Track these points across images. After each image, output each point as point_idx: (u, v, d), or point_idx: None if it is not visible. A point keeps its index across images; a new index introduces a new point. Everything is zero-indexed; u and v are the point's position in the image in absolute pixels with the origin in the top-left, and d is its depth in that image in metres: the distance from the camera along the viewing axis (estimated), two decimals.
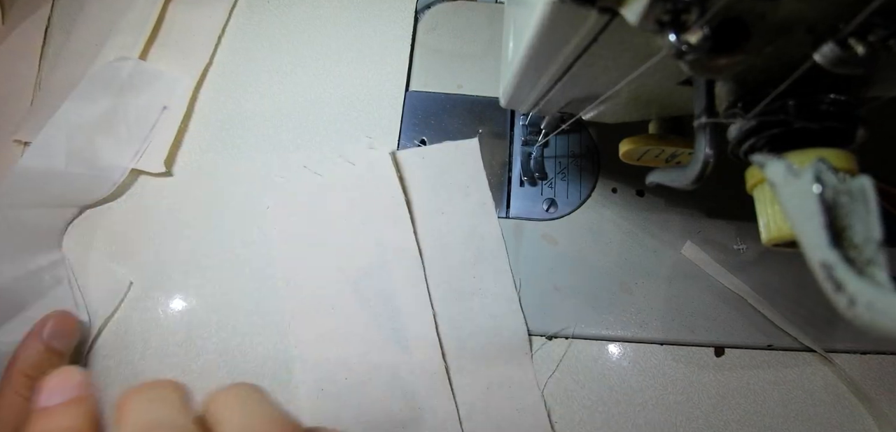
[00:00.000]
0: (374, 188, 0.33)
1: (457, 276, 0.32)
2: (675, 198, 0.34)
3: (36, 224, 0.31)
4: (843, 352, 0.31)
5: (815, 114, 0.16)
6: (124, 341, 0.30)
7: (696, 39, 0.13)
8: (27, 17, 0.39)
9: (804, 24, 0.14)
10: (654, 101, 0.24)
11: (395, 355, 0.30)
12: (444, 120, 0.36)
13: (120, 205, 0.34)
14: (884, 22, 0.13)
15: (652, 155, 0.26)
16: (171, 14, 0.39)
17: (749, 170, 0.18)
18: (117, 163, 0.33)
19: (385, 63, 0.38)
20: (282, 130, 0.36)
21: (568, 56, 0.19)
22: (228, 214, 0.33)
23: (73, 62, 0.37)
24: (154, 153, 0.34)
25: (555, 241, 0.33)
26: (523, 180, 0.35)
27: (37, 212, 0.31)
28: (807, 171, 0.14)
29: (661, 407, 0.30)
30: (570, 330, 0.31)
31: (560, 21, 0.16)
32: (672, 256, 0.33)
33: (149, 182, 0.34)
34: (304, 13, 0.40)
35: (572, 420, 0.29)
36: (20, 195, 0.31)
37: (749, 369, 0.31)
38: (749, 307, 0.31)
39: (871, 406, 0.30)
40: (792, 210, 0.14)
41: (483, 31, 0.39)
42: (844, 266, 0.13)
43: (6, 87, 0.37)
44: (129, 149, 0.34)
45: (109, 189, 0.33)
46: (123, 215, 0.33)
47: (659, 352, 0.31)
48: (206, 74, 0.37)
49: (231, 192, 0.34)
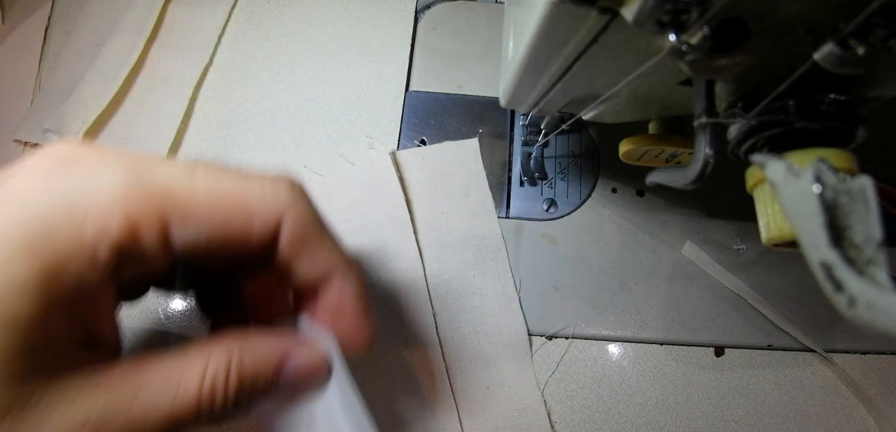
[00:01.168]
0: (374, 188, 0.33)
1: (457, 276, 0.32)
2: (675, 198, 0.34)
3: None
4: (843, 352, 0.31)
5: (815, 114, 0.16)
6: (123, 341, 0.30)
7: (696, 39, 0.13)
8: (27, 17, 0.39)
9: (804, 24, 0.14)
10: (654, 101, 0.24)
11: (395, 355, 0.30)
12: (444, 120, 0.36)
13: None
14: (884, 22, 0.13)
15: (652, 155, 0.26)
16: (171, 14, 0.39)
17: (749, 170, 0.18)
18: None
19: (385, 63, 0.38)
20: (282, 130, 0.36)
21: (568, 56, 0.19)
22: None
23: (73, 62, 0.37)
24: (154, 153, 0.34)
25: (555, 241, 0.33)
26: (523, 180, 0.35)
27: None
28: (807, 171, 0.14)
29: (661, 407, 0.30)
30: (570, 330, 0.31)
31: (560, 21, 0.16)
32: (672, 256, 0.33)
33: None
34: (304, 13, 0.40)
35: (572, 420, 0.29)
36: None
37: (749, 369, 0.31)
38: (749, 307, 0.31)
39: (871, 406, 0.30)
40: (792, 210, 0.14)
41: (483, 31, 0.39)
42: (844, 266, 0.13)
43: (6, 87, 0.37)
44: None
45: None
46: None
47: (659, 352, 0.31)
48: (206, 74, 0.37)
49: None
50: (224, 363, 0.17)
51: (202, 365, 0.17)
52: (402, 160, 0.34)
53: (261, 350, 0.18)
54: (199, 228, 0.17)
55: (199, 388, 0.17)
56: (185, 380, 0.17)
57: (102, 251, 0.15)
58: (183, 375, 0.17)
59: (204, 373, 0.17)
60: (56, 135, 0.32)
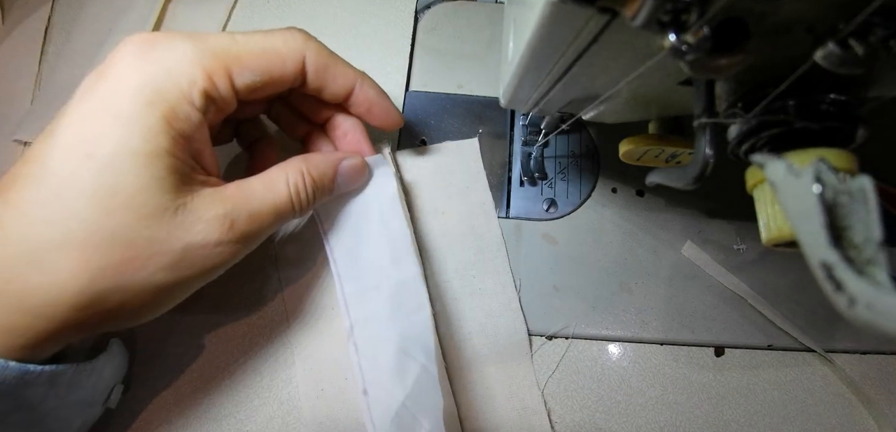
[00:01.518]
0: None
1: (457, 276, 0.32)
2: (675, 198, 0.34)
3: None
4: (843, 352, 0.31)
5: (816, 114, 0.16)
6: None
7: (696, 39, 0.13)
8: (27, 17, 0.39)
9: (804, 24, 0.14)
10: (654, 101, 0.24)
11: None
12: (444, 120, 0.36)
13: None
14: (884, 22, 0.13)
15: (652, 155, 0.26)
16: (171, 14, 0.39)
17: (749, 170, 0.18)
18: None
19: (385, 63, 0.38)
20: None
21: (568, 56, 0.19)
22: None
23: (73, 62, 0.37)
24: None
25: (555, 241, 0.33)
26: (523, 180, 0.35)
27: None
28: (807, 171, 0.14)
29: (661, 407, 0.30)
30: (570, 330, 0.31)
31: (560, 21, 0.16)
32: (672, 256, 0.33)
33: None
34: (304, 13, 0.40)
35: (572, 420, 0.29)
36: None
37: (749, 369, 0.31)
38: (749, 307, 0.31)
39: (871, 406, 0.30)
40: (792, 210, 0.14)
41: (483, 31, 0.39)
42: (844, 266, 0.13)
43: (6, 87, 0.37)
44: None
45: None
46: None
47: (659, 352, 0.31)
48: None
49: None
50: (298, 171, 0.25)
51: (285, 176, 0.25)
52: (401, 160, 0.34)
53: (321, 161, 0.27)
54: (253, 73, 0.24)
55: (288, 190, 0.25)
56: (277, 186, 0.24)
57: (196, 97, 0.22)
58: (275, 184, 0.24)
59: (287, 181, 0.25)
60: None
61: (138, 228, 0.20)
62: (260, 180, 0.24)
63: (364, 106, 0.28)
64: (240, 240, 0.23)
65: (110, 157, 0.20)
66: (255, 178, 0.24)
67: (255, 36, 0.24)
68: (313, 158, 0.27)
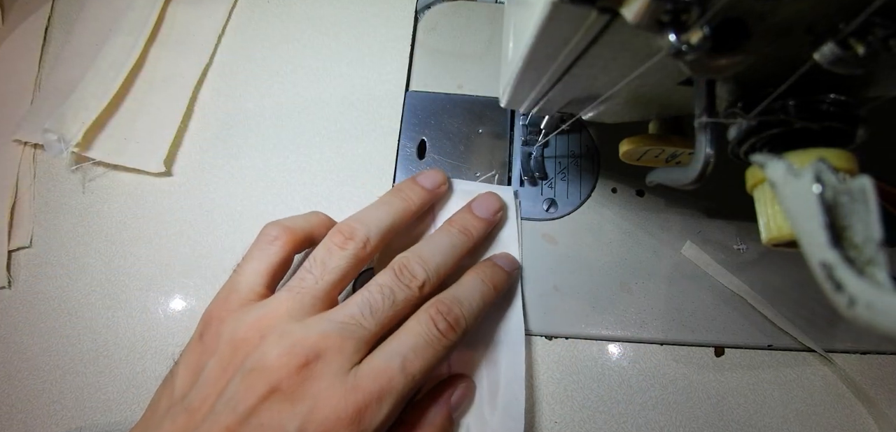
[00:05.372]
0: None
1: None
2: (675, 198, 0.34)
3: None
4: (843, 352, 0.31)
5: (816, 114, 0.16)
6: (123, 341, 0.30)
7: (696, 39, 0.13)
8: (27, 17, 0.39)
9: (804, 24, 0.14)
10: (654, 100, 0.24)
11: None
12: (444, 120, 0.36)
13: (119, 204, 0.34)
14: (884, 22, 0.13)
15: (652, 155, 0.26)
16: (171, 14, 0.39)
17: (749, 170, 0.18)
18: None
19: (385, 63, 0.38)
20: (282, 130, 0.36)
21: (568, 56, 0.19)
22: (228, 214, 0.33)
23: (74, 62, 0.36)
24: (153, 153, 0.34)
25: (555, 241, 0.33)
26: (523, 180, 0.35)
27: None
28: (807, 171, 0.14)
29: (661, 407, 0.30)
30: (570, 330, 0.31)
31: (560, 21, 0.16)
32: (672, 256, 0.33)
33: (148, 182, 0.34)
34: (304, 13, 0.40)
35: (572, 420, 0.29)
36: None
37: (749, 369, 0.31)
38: (749, 307, 0.31)
39: (871, 406, 0.30)
40: (792, 210, 0.14)
41: (483, 31, 0.39)
42: (844, 266, 0.13)
43: (6, 87, 0.37)
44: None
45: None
46: (122, 215, 0.33)
47: (659, 352, 0.31)
48: (206, 74, 0.37)
49: (231, 192, 0.34)
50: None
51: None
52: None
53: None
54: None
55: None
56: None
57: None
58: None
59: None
60: (56, 135, 0.32)
61: None
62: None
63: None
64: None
65: None
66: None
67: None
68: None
